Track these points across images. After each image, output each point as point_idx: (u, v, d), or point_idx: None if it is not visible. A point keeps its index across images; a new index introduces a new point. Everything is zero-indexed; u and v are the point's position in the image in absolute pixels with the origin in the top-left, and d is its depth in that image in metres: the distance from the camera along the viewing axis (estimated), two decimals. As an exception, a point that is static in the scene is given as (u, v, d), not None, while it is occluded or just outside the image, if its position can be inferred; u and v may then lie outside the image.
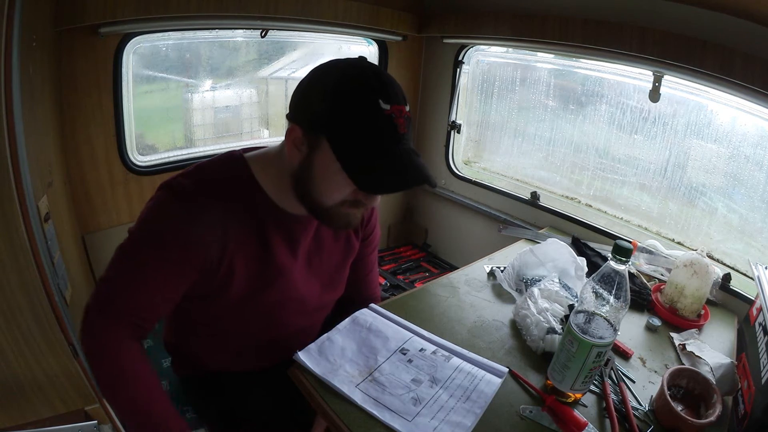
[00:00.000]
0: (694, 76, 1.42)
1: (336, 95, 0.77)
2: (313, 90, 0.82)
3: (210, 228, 0.85)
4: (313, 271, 1.03)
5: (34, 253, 0.88)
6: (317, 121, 0.79)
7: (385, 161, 0.78)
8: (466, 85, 2.27)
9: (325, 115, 0.78)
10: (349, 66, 0.80)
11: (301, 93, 0.84)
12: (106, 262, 1.68)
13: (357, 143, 0.78)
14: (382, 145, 0.78)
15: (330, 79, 0.80)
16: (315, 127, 0.80)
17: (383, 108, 0.76)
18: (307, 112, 0.81)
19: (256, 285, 0.93)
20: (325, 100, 0.78)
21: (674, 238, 1.73)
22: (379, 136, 0.78)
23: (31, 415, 0.99)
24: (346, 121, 0.77)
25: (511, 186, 2.20)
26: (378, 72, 0.79)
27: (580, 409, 0.92)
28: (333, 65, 0.83)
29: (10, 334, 0.90)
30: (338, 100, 0.77)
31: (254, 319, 0.99)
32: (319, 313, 1.11)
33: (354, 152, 0.78)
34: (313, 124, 0.80)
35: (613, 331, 0.86)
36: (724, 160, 1.55)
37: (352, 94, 0.77)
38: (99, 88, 1.51)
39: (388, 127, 0.78)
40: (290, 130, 0.83)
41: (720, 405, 0.91)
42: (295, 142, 0.83)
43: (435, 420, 0.84)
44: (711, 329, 1.30)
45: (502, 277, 1.35)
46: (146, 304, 0.88)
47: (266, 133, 2.23)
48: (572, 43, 1.65)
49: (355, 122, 0.77)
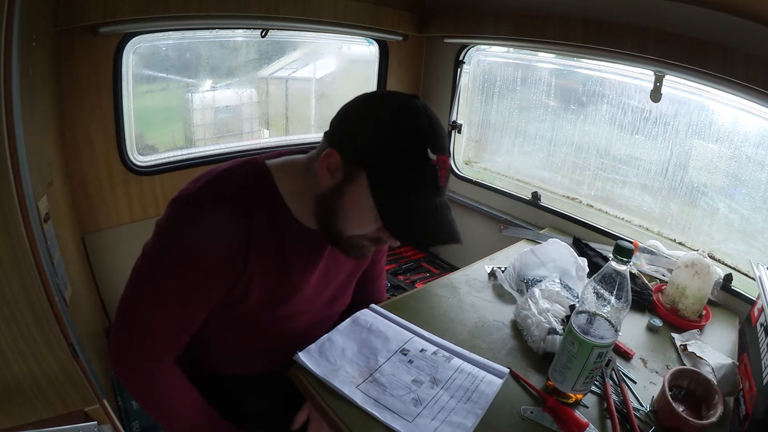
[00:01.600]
0: (696, 76, 1.41)
1: (385, 132, 0.75)
2: (362, 120, 0.79)
3: (232, 241, 0.81)
4: (327, 284, 1.02)
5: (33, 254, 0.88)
6: (361, 153, 0.77)
7: (420, 213, 0.77)
8: (467, 85, 2.27)
9: (371, 150, 0.76)
10: (406, 105, 0.77)
11: (347, 119, 0.81)
12: (106, 262, 1.70)
13: (397, 188, 0.76)
14: (421, 195, 0.77)
15: (382, 112, 0.78)
16: (357, 159, 0.77)
17: (430, 158, 0.75)
18: (352, 142, 0.78)
19: (271, 299, 0.92)
20: (374, 135, 0.76)
21: (675, 238, 1.72)
22: (421, 186, 0.76)
23: (31, 415, 0.99)
24: (391, 162, 0.75)
25: (512, 186, 2.19)
26: (431, 118, 0.77)
27: (581, 410, 0.92)
28: (386, 97, 0.82)
29: (9, 335, 0.91)
30: (387, 138, 0.75)
31: (262, 329, 0.98)
32: (324, 324, 1.10)
33: (392, 196, 0.76)
34: (355, 155, 0.77)
35: (614, 332, 0.85)
36: (725, 161, 1.55)
37: (403, 136, 0.75)
38: (99, 88, 1.51)
39: (431, 178, 0.76)
40: (328, 154, 0.79)
41: (721, 406, 0.91)
42: (329, 167, 0.79)
43: (436, 421, 0.84)
44: (712, 330, 1.30)
45: (503, 278, 1.35)
46: (176, 337, 0.88)
47: (266, 133, 2.23)
48: (573, 43, 1.64)
49: (401, 166, 0.75)
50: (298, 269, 0.92)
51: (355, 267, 1.09)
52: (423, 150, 0.74)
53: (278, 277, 0.90)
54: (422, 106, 0.77)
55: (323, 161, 0.79)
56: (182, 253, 0.80)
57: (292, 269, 0.91)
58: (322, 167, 0.80)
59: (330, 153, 0.78)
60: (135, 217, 1.71)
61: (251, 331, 0.97)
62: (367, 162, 0.76)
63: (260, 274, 0.87)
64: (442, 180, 0.78)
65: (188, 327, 0.89)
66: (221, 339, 0.99)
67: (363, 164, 0.76)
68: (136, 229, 1.70)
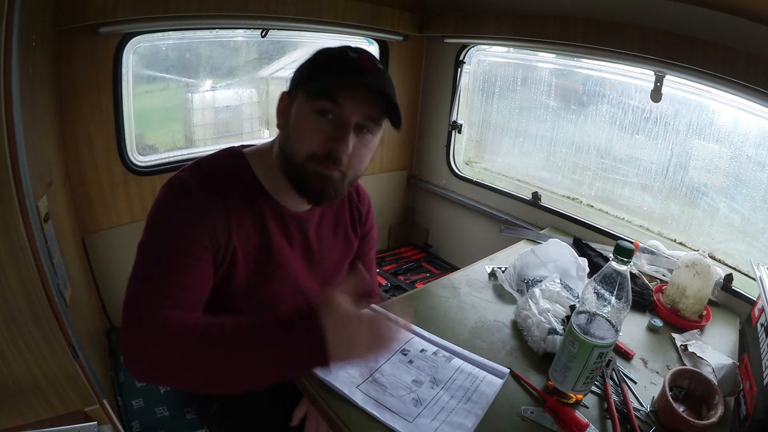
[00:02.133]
0: (696, 76, 1.41)
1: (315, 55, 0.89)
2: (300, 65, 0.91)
3: (214, 219, 0.85)
4: (313, 269, 1.04)
5: (33, 254, 0.88)
6: (297, 77, 0.89)
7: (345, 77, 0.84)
8: (467, 84, 2.27)
9: (303, 70, 0.88)
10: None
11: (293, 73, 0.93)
12: (106, 262, 1.70)
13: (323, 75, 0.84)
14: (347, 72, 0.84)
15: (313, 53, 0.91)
16: (294, 83, 0.88)
17: (351, 55, 0.85)
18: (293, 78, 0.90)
19: (257, 278, 0.94)
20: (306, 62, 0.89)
21: (676, 238, 1.72)
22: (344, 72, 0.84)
23: (31, 415, 1.00)
24: (317, 68, 0.87)
25: (513, 186, 2.19)
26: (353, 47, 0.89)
27: (581, 410, 0.92)
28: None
29: (9, 335, 0.91)
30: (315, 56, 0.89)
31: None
32: None
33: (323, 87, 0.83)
34: (293, 82, 0.89)
35: (614, 332, 0.85)
36: (725, 161, 1.55)
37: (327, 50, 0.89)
38: (99, 87, 1.51)
39: (352, 66, 0.84)
40: (279, 100, 0.92)
41: (722, 406, 0.91)
42: (281, 111, 0.91)
43: (436, 421, 0.84)
44: (713, 330, 1.29)
45: (503, 278, 1.35)
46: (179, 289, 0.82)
47: (266, 133, 2.23)
48: (573, 43, 1.65)
49: (324, 66, 0.86)
50: (279, 248, 0.95)
51: (343, 253, 1.11)
52: (344, 52, 0.86)
53: (260, 253, 0.93)
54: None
55: (277, 109, 0.93)
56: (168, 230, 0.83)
57: (272, 247, 0.94)
58: (277, 114, 0.92)
59: (280, 97, 0.92)
60: (135, 217, 1.71)
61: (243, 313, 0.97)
62: (301, 80, 0.87)
63: (242, 247, 0.90)
64: (364, 63, 0.84)
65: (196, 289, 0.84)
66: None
67: (299, 84, 0.87)
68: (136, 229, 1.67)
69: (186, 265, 0.83)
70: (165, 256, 0.82)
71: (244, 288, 0.93)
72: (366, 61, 0.85)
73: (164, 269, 0.82)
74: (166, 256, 0.82)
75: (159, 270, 0.82)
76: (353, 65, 0.84)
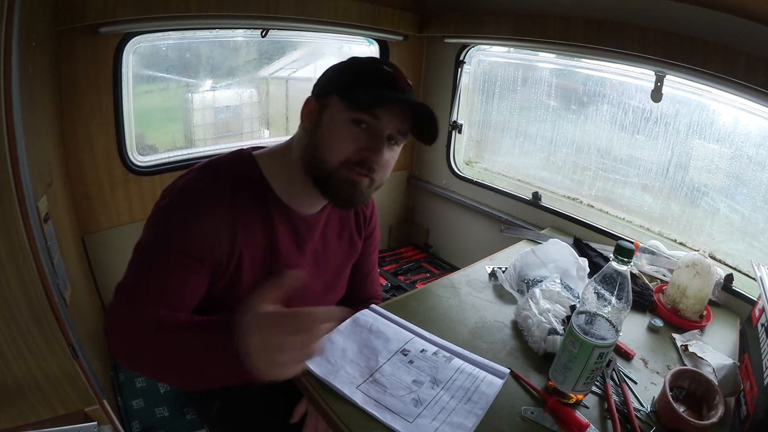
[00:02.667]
0: (697, 76, 1.41)
1: (348, 65, 0.91)
2: (329, 70, 0.93)
3: (219, 224, 0.85)
4: (318, 272, 1.04)
5: (33, 254, 0.88)
6: (329, 83, 0.90)
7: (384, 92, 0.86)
8: (468, 84, 2.27)
9: (337, 77, 0.90)
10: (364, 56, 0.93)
11: (319, 78, 0.94)
12: (106, 262, 1.70)
13: (362, 93, 0.84)
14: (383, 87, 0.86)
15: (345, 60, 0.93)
16: (326, 89, 0.89)
17: (386, 70, 0.88)
18: (321, 83, 0.92)
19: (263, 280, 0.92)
20: (339, 69, 0.91)
21: (676, 238, 1.72)
22: (381, 87, 0.86)
23: (31, 416, 0.99)
24: (353, 77, 0.88)
25: (513, 186, 2.19)
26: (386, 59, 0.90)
27: (581, 410, 0.92)
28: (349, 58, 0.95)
29: (9, 335, 0.91)
30: (349, 66, 0.91)
31: None
32: None
33: (360, 98, 0.84)
34: (325, 88, 0.90)
35: (614, 332, 0.85)
36: (726, 161, 1.55)
37: (360, 62, 0.92)
38: (99, 87, 1.51)
39: (389, 82, 0.87)
40: (305, 104, 0.92)
41: (722, 406, 0.91)
42: (308, 115, 0.91)
43: (436, 421, 0.84)
44: (713, 330, 1.29)
45: (503, 278, 1.34)
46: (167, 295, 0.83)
47: (266, 133, 2.23)
48: (574, 43, 1.64)
49: (361, 78, 0.87)
50: (286, 249, 0.95)
51: (347, 256, 1.11)
52: (379, 66, 0.89)
53: (267, 256, 0.93)
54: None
55: (303, 112, 0.93)
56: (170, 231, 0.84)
57: (280, 250, 0.94)
58: (303, 118, 0.92)
59: (306, 101, 0.92)
60: (135, 217, 1.71)
61: None
62: (334, 85, 0.89)
63: (249, 250, 0.90)
64: (400, 81, 0.88)
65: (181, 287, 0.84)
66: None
67: (332, 89, 0.88)
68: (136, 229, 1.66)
69: (180, 268, 0.84)
70: (162, 254, 0.83)
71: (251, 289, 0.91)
72: (401, 78, 0.88)
73: (159, 267, 0.82)
74: (163, 254, 0.83)
75: (153, 266, 0.83)
76: (389, 80, 0.87)
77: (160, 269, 0.83)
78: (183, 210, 0.85)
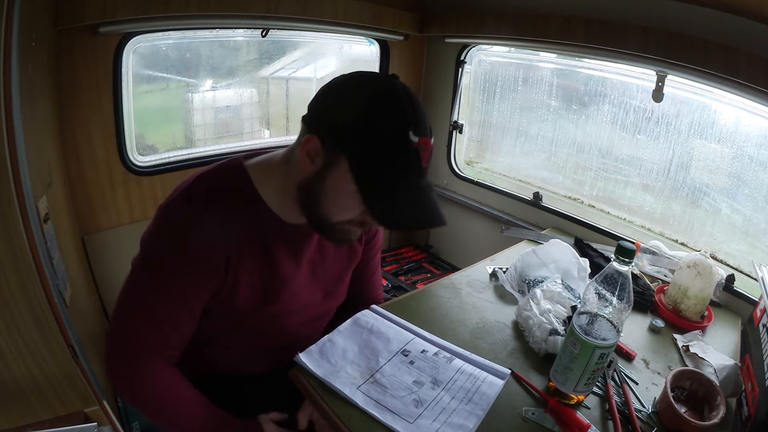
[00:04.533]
0: (698, 76, 1.41)
1: (366, 115, 0.74)
2: (341, 102, 0.77)
3: (212, 244, 0.83)
4: (316, 281, 1.02)
5: (33, 254, 0.88)
6: (341, 137, 0.75)
7: (404, 196, 0.76)
8: (468, 84, 2.27)
9: (352, 135, 0.74)
10: (384, 85, 0.76)
11: (325, 102, 0.80)
12: (105, 262, 1.70)
13: (379, 171, 0.75)
14: (404, 178, 0.76)
15: (362, 96, 0.76)
16: (337, 144, 0.76)
17: (412, 140, 0.73)
18: (331, 126, 0.76)
19: (260, 298, 0.92)
20: (355, 118, 0.74)
21: (678, 238, 1.72)
22: (404, 169, 0.76)
23: (30, 416, 0.99)
24: (373, 145, 0.74)
25: (514, 186, 2.19)
26: (411, 98, 0.75)
27: (582, 411, 0.92)
28: (365, 80, 0.80)
29: (9, 336, 0.90)
30: (368, 122, 0.74)
31: (256, 330, 0.98)
32: (320, 321, 1.10)
33: (374, 179, 0.75)
34: (335, 139, 0.76)
35: (616, 333, 0.85)
36: (727, 161, 1.54)
37: (383, 118, 0.74)
38: (98, 87, 1.50)
39: (414, 161, 0.75)
40: (308, 140, 0.78)
41: (723, 407, 0.90)
42: (310, 153, 0.78)
43: (437, 422, 0.84)
44: (714, 331, 1.29)
45: (504, 278, 1.34)
46: (165, 337, 0.88)
47: (267, 134, 2.23)
48: (575, 43, 1.64)
49: (383, 149, 0.74)
50: (284, 266, 0.93)
51: (346, 263, 1.08)
52: (405, 133, 0.73)
53: (264, 277, 0.91)
54: (402, 87, 0.76)
55: (303, 147, 0.79)
56: (161, 264, 0.84)
57: (277, 267, 0.92)
58: (302, 154, 0.79)
59: (310, 139, 0.78)
60: (135, 218, 1.71)
61: (247, 330, 0.97)
62: (347, 146, 0.75)
63: (245, 275, 0.88)
64: (424, 161, 0.77)
65: (176, 331, 0.89)
66: (219, 339, 0.99)
67: (344, 149, 0.75)
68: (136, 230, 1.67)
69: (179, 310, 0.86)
70: (158, 297, 0.84)
71: (248, 307, 0.92)
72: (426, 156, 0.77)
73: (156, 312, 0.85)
74: (158, 297, 0.84)
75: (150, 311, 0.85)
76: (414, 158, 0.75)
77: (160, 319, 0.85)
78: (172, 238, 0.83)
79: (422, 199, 0.79)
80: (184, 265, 0.83)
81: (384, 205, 0.76)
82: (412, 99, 0.75)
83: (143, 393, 0.89)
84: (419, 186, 0.78)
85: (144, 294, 0.85)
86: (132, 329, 0.86)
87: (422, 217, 0.79)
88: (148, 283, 0.85)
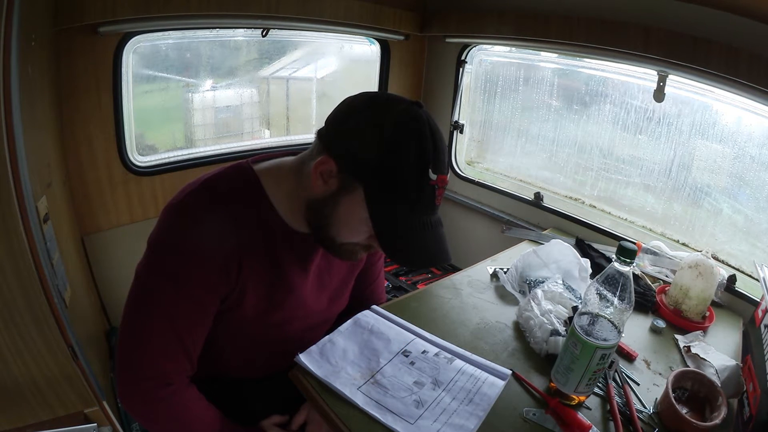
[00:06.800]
0: (699, 76, 1.41)
1: (388, 150, 0.73)
2: (362, 132, 0.75)
3: (225, 246, 0.81)
4: (322, 288, 1.01)
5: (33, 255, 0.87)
6: (359, 169, 0.75)
7: (415, 233, 0.77)
8: (469, 84, 2.26)
9: (370, 166, 0.73)
10: (408, 116, 0.74)
11: (346, 125, 0.78)
12: (105, 262, 1.69)
13: (395, 206, 0.75)
14: (417, 213, 0.77)
15: (385, 128, 0.73)
16: (354, 172, 0.75)
17: (431, 178, 0.74)
18: (350, 154, 0.75)
19: (266, 304, 0.91)
20: (376, 151, 0.73)
21: (679, 239, 1.71)
22: (419, 206, 0.76)
23: (30, 417, 0.99)
24: (391, 180, 0.74)
25: (515, 187, 2.19)
26: (435, 133, 0.75)
27: (583, 412, 0.91)
28: (388, 109, 0.76)
29: (8, 336, 0.90)
30: (389, 158, 0.73)
31: (261, 334, 0.97)
32: (323, 326, 1.10)
33: (389, 213, 0.76)
34: (353, 167, 0.75)
35: (617, 333, 0.85)
36: (729, 161, 1.54)
37: (405, 156, 0.73)
38: (98, 87, 1.50)
39: (428, 198, 0.76)
40: (323, 161, 0.76)
41: (725, 408, 0.90)
42: (323, 174, 0.77)
43: (437, 423, 0.83)
44: (716, 331, 1.29)
45: (505, 279, 1.34)
46: (187, 354, 0.86)
47: (267, 134, 2.23)
48: (576, 43, 1.64)
49: (400, 185, 0.74)
50: (291, 274, 0.92)
51: (351, 269, 1.08)
52: (425, 172, 0.73)
53: (271, 284, 0.90)
54: (426, 118, 0.75)
55: (317, 167, 0.77)
56: (172, 271, 0.81)
57: (284, 274, 0.91)
58: (315, 173, 0.78)
59: (325, 160, 0.76)
60: (135, 218, 1.71)
61: (251, 335, 0.97)
62: (365, 176, 0.75)
63: (253, 281, 0.87)
64: (438, 199, 0.78)
65: (194, 340, 0.87)
66: (223, 342, 0.99)
67: (360, 178, 0.75)
68: (136, 230, 1.70)
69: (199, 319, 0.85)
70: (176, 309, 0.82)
71: (254, 314, 0.91)
72: (440, 193, 0.78)
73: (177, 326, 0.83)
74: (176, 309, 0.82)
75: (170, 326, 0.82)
76: (429, 196, 0.76)
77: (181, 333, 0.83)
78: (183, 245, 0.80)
79: (432, 237, 0.80)
80: (198, 265, 0.80)
81: (395, 242, 0.78)
82: (435, 132, 0.75)
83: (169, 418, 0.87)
84: (430, 223, 0.79)
85: (161, 307, 0.81)
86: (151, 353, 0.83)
87: (429, 256, 0.81)
88: (162, 293, 0.81)
